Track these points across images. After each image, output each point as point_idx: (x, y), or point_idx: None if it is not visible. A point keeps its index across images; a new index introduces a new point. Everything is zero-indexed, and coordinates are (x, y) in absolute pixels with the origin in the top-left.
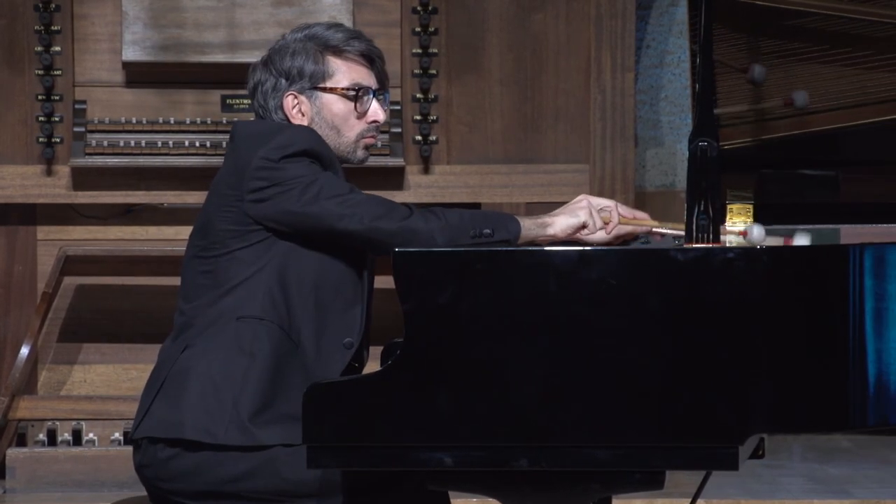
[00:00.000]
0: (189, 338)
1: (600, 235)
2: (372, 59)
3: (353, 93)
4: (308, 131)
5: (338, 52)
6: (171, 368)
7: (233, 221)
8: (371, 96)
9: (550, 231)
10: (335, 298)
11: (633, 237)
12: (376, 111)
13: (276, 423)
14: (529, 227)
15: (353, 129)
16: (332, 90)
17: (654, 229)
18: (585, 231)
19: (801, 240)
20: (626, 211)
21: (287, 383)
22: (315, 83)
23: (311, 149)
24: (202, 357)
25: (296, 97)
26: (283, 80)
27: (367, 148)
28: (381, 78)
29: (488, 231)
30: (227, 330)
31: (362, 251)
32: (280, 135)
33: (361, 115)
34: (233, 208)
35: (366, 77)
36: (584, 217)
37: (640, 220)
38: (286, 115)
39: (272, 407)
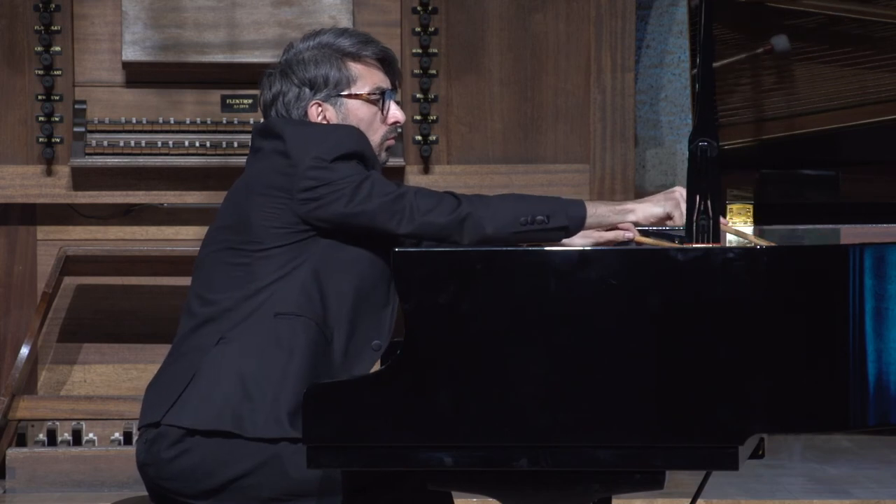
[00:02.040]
0: (223, 329)
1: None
2: (387, 60)
3: (376, 97)
4: (357, 132)
5: (356, 57)
6: (203, 359)
7: (279, 220)
8: (390, 99)
9: (632, 217)
10: (370, 301)
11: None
12: (396, 113)
13: None
14: (604, 213)
15: (378, 132)
16: (356, 96)
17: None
18: (670, 223)
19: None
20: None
21: (320, 379)
22: (340, 90)
23: (360, 150)
24: (240, 352)
25: (320, 105)
26: (307, 90)
27: (388, 149)
28: (395, 79)
29: (542, 217)
30: (264, 325)
31: None
32: (332, 135)
33: (384, 119)
34: (281, 206)
35: (383, 80)
36: (670, 208)
37: (726, 228)
38: None
39: None
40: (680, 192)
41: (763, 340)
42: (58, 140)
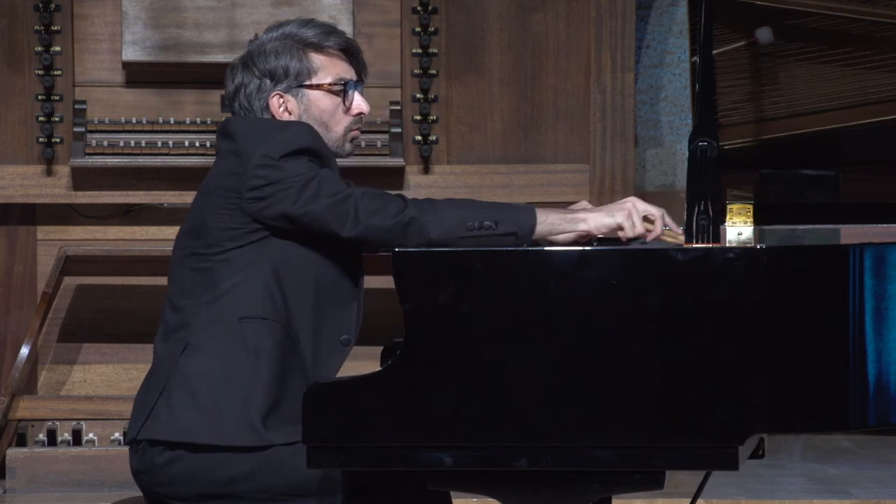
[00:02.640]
0: (188, 336)
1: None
2: (350, 51)
3: (338, 87)
4: (308, 128)
5: (318, 48)
6: (173, 369)
7: (231, 220)
8: (354, 90)
9: (583, 227)
10: (332, 296)
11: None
12: (360, 103)
13: (285, 424)
14: (555, 221)
15: (341, 123)
16: (318, 87)
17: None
18: (621, 234)
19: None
20: (673, 224)
21: (291, 382)
22: (301, 81)
23: (311, 146)
24: (206, 358)
25: (281, 97)
26: (268, 81)
27: (352, 141)
28: (360, 70)
29: (490, 223)
30: (229, 330)
31: (355, 248)
32: (279, 132)
33: (347, 109)
34: (231, 207)
35: (347, 70)
36: (622, 219)
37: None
38: (272, 116)
39: (280, 406)
40: (632, 203)
41: (763, 340)
42: (58, 140)
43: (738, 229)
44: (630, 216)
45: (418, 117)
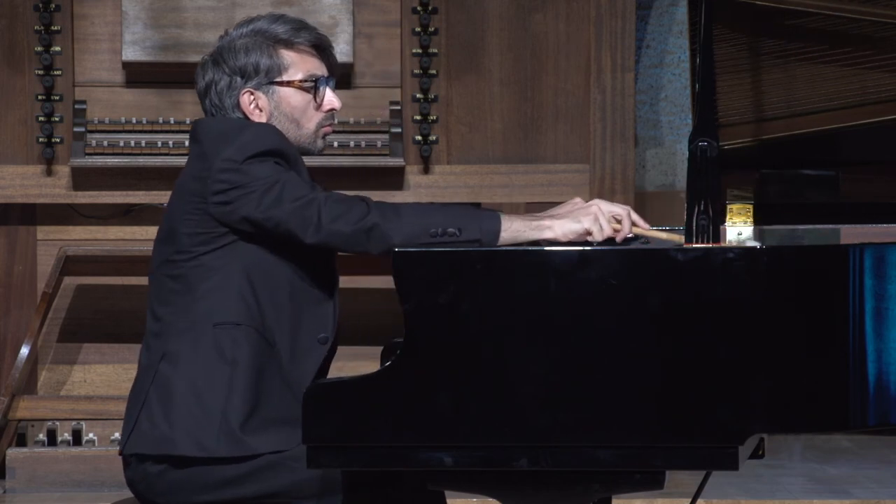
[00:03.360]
0: (164, 344)
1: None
2: (321, 47)
3: (309, 84)
4: (271, 129)
5: (289, 44)
6: (152, 379)
7: (199, 226)
8: (325, 86)
9: (549, 234)
10: (306, 296)
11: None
12: (332, 99)
13: (265, 430)
14: (520, 228)
15: (312, 120)
16: (288, 83)
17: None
18: (590, 238)
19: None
20: (640, 220)
21: (269, 387)
22: (271, 78)
23: (275, 148)
24: (183, 367)
25: (252, 94)
26: (239, 78)
27: (324, 137)
28: (332, 65)
29: (453, 230)
30: (204, 337)
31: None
32: (242, 134)
33: (318, 106)
34: (198, 212)
35: (318, 67)
36: (588, 224)
37: (654, 233)
38: (244, 113)
39: (259, 412)
40: (597, 206)
41: (763, 340)
42: (58, 140)
43: (738, 229)
44: (596, 219)
45: (418, 117)
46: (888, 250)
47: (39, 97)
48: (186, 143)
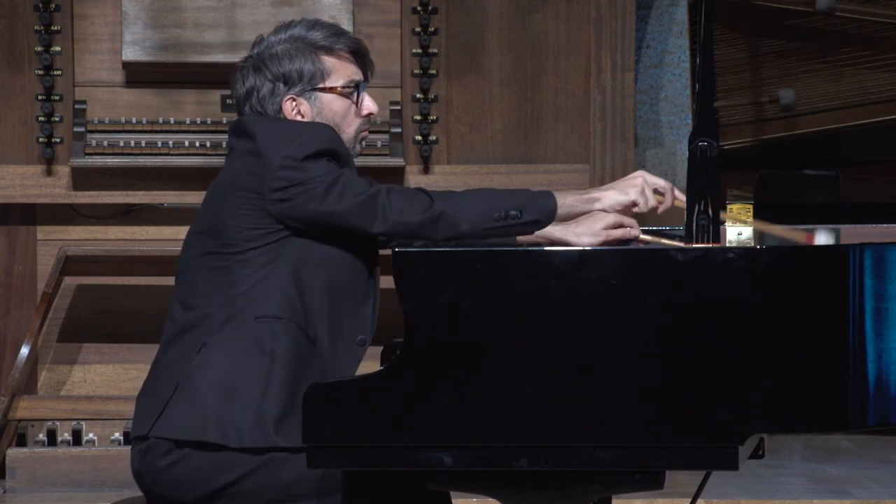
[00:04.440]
0: (203, 335)
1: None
2: (359, 52)
3: (350, 90)
4: (328, 129)
5: (329, 50)
6: (187, 368)
7: (252, 221)
8: (363, 91)
9: (598, 206)
10: (348, 296)
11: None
12: (370, 104)
13: (297, 429)
14: (572, 203)
15: (352, 125)
16: (331, 90)
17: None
18: (636, 209)
19: (823, 237)
20: (680, 195)
21: (306, 382)
22: (314, 84)
23: (332, 147)
24: (222, 358)
25: (294, 100)
26: (282, 85)
27: (362, 141)
28: (367, 70)
29: (515, 213)
30: (245, 330)
31: (373, 247)
32: (302, 134)
33: (359, 111)
34: (251, 207)
35: (356, 72)
36: (635, 195)
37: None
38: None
39: (296, 410)
40: (643, 178)
41: (763, 340)
42: (58, 140)
43: (738, 229)
44: (643, 191)
45: (418, 117)
46: (888, 250)
47: (39, 97)
48: (186, 143)
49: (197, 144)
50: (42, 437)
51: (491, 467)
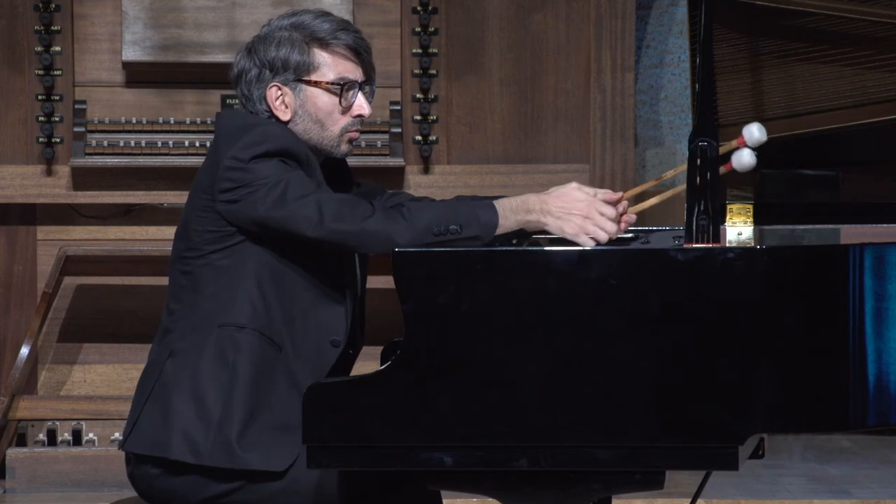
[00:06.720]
0: (172, 341)
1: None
2: (359, 51)
3: (338, 87)
4: (280, 128)
5: (324, 44)
6: (158, 376)
7: (209, 223)
8: (357, 90)
9: (546, 226)
10: (316, 297)
11: (633, 237)
12: (361, 105)
13: (261, 443)
14: (519, 220)
15: (338, 123)
16: (316, 83)
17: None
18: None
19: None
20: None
21: (271, 392)
22: (300, 76)
23: (282, 147)
24: (186, 368)
25: (279, 88)
26: (268, 71)
27: (350, 142)
28: (368, 70)
29: (455, 227)
30: (208, 337)
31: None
32: (250, 133)
33: (346, 110)
34: (208, 209)
35: (352, 70)
36: (585, 239)
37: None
38: (269, 106)
39: (258, 421)
40: (592, 209)
41: (763, 340)
42: (58, 140)
43: (738, 229)
44: (596, 227)
45: (418, 117)
46: (888, 250)
47: (39, 97)
48: (186, 143)
49: (197, 144)
50: (42, 437)
51: (491, 467)
